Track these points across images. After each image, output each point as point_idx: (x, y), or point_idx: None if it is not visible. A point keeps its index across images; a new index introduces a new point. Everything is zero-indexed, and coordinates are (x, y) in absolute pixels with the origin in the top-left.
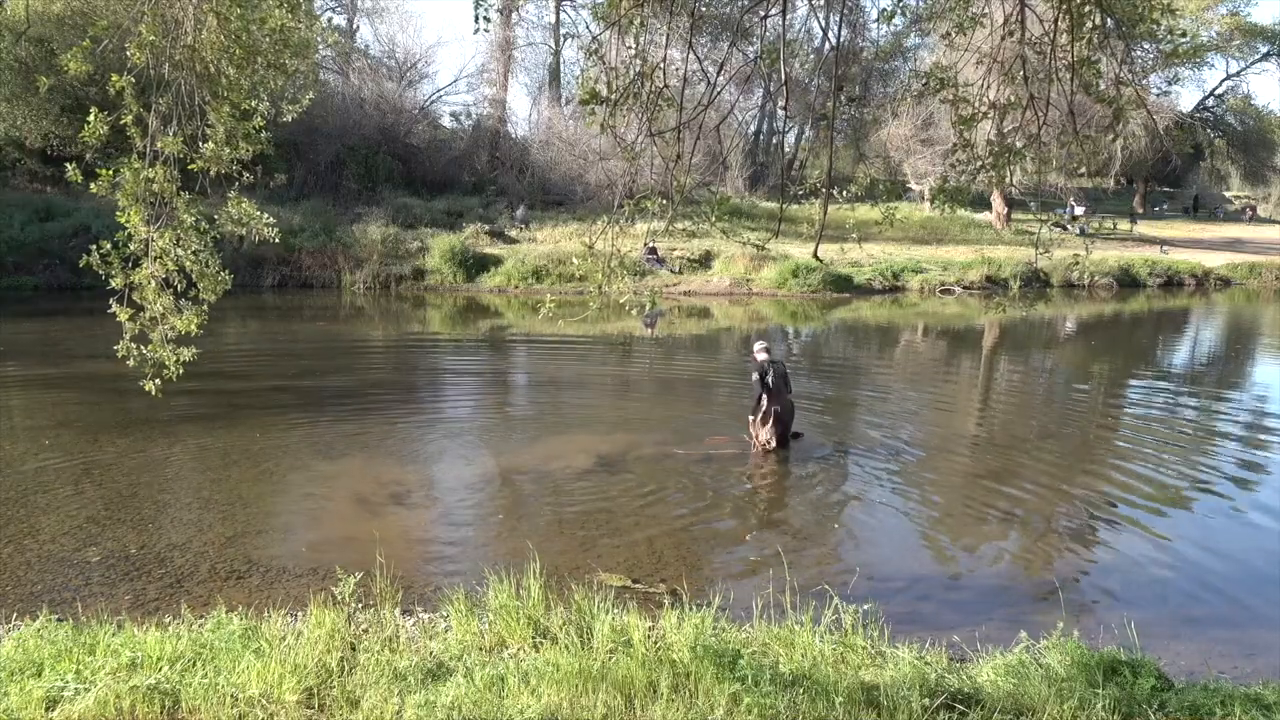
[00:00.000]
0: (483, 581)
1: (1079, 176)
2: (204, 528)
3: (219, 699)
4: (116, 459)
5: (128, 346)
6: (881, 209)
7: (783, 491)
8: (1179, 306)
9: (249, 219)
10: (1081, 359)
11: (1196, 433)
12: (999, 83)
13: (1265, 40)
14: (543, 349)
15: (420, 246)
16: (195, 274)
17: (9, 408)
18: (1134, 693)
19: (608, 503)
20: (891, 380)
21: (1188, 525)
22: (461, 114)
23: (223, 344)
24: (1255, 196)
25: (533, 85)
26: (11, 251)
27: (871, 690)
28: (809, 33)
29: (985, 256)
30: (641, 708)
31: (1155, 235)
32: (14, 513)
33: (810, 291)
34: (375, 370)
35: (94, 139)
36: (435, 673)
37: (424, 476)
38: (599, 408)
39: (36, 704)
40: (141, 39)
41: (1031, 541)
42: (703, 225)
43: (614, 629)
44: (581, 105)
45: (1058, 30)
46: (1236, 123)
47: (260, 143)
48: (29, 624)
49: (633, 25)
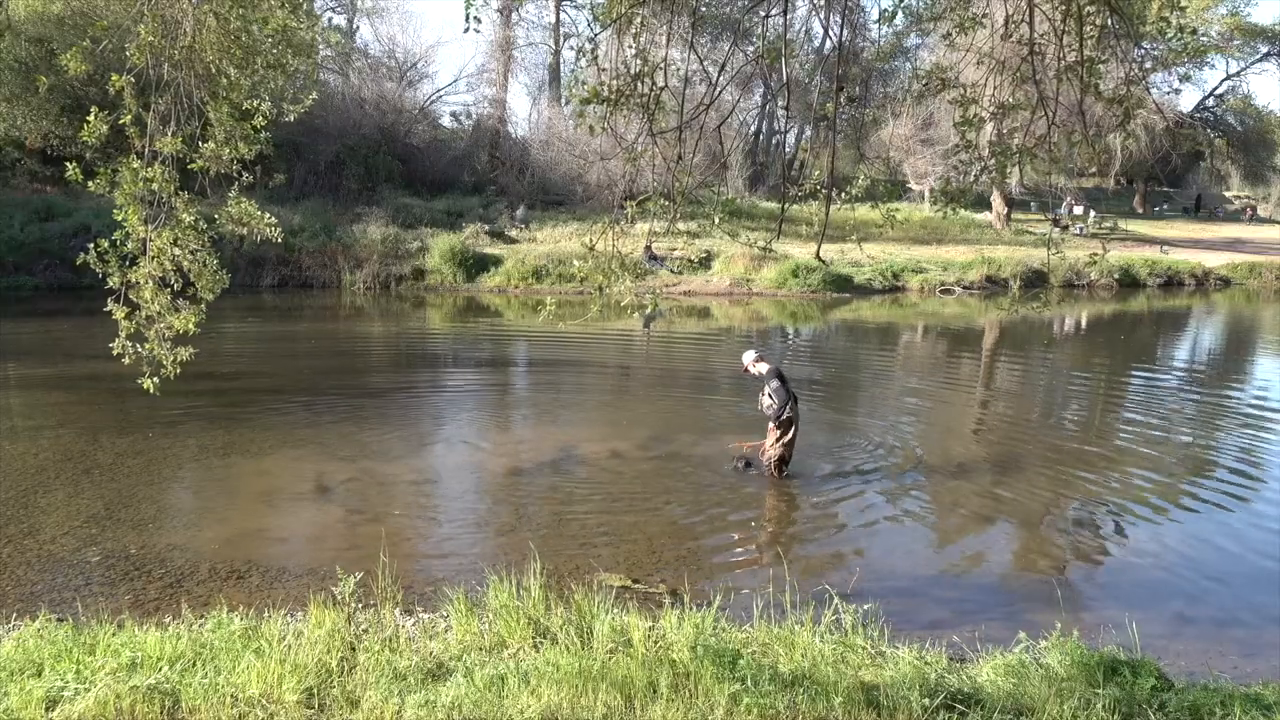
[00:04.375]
0: (483, 581)
1: (1084, 176)
2: (204, 528)
3: (219, 699)
4: (116, 459)
5: (123, 344)
6: (881, 210)
7: (783, 492)
8: (1179, 306)
9: (250, 219)
10: (1081, 359)
11: (1197, 432)
12: (1002, 83)
13: (1265, 40)
14: (543, 349)
15: (420, 246)
16: (193, 273)
17: (9, 408)
18: (1134, 693)
19: (608, 503)
20: (891, 380)
21: (1188, 525)
22: (461, 114)
23: (223, 344)
24: (1255, 196)
25: (533, 85)
26: (11, 251)
27: (871, 690)
28: (809, 33)
29: (985, 256)
30: (641, 708)
31: (1155, 235)
32: (14, 513)
33: (810, 292)
34: (375, 370)
35: (94, 139)
36: (435, 673)
37: (424, 476)
38: (599, 408)
39: (36, 704)
40: (141, 39)
41: (1031, 541)
42: (705, 225)
43: (614, 629)
44: (581, 105)
45: (1064, 29)
46: (1236, 123)
47: (260, 142)
48: (29, 624)
49: (632, 25)
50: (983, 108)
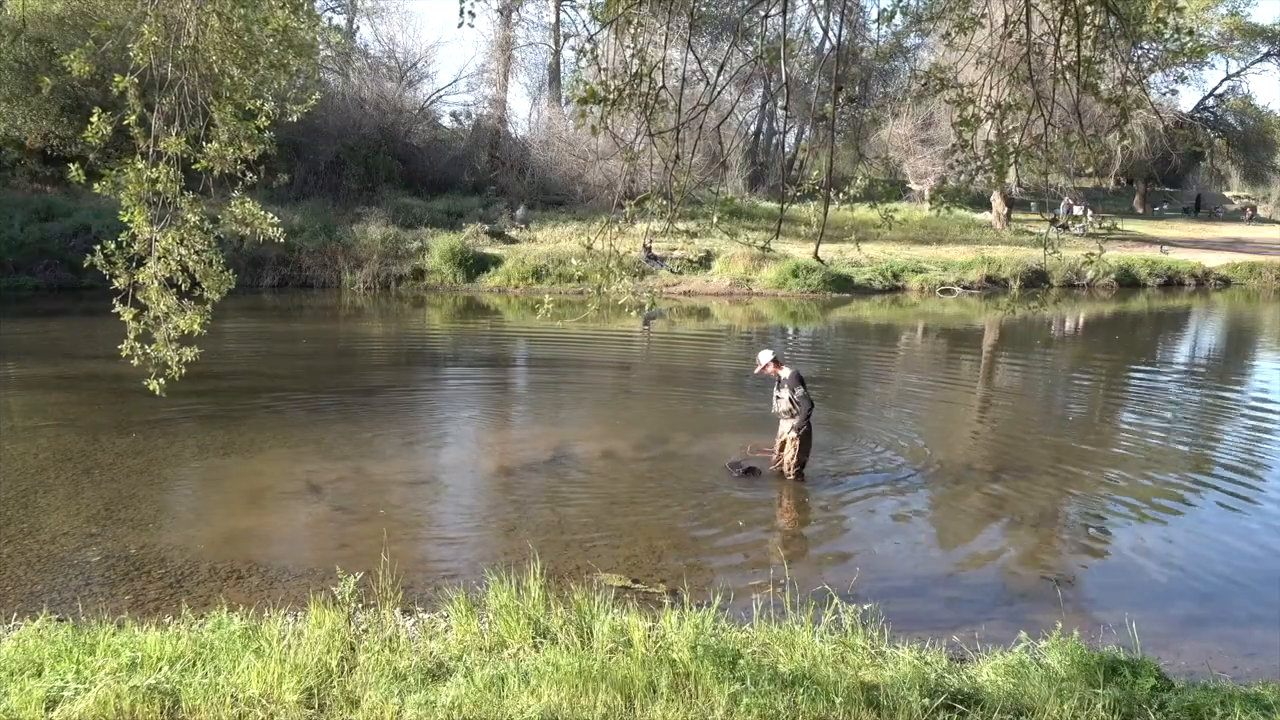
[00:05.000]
0: (483, 581)
1: (1083, 176)
2: (204, 528)
3: (219, 699)
4: (116, 459)
5: (132, 346)
6: (879, 210)
7: (783, 492)
8: (1179, 306)
9: (253, 219)
10: (1082, 359)
11: (1197, 432)
12: (1000, 83)
13: (1265, 40)
14: (543, 349)
15: (420, 246)
16: (199, 273)
17: (9, 408)
18: (1134, 693)
19: (608, 503)
20: (891, 380)
21: (1188, 525)
22: (461, 114)
23: (223, 344)
24: (1255, 196)
25: (533, 85)
26: (11, 251)
27: (871, 690)
28: (809, 32)
29: (985, 256)
30: (641, 708)
31: (1155, 235)
32: (14, 513)
33: (810, 291)
34: (374, 370)
35: (97, 139)
36: (435, 673)
37: (424, 476)
38: (599, 407)
39: (36, 704)
40: (144, 40)
41: (1031, 541)
42: (704, 225)
43: (614, 629)
44: (580, 105)
45: (1061, 30)
46: (1236, 123)
47: (264, 142)
48: (29, 624)
49: (630, 25)
50: (980, 107)
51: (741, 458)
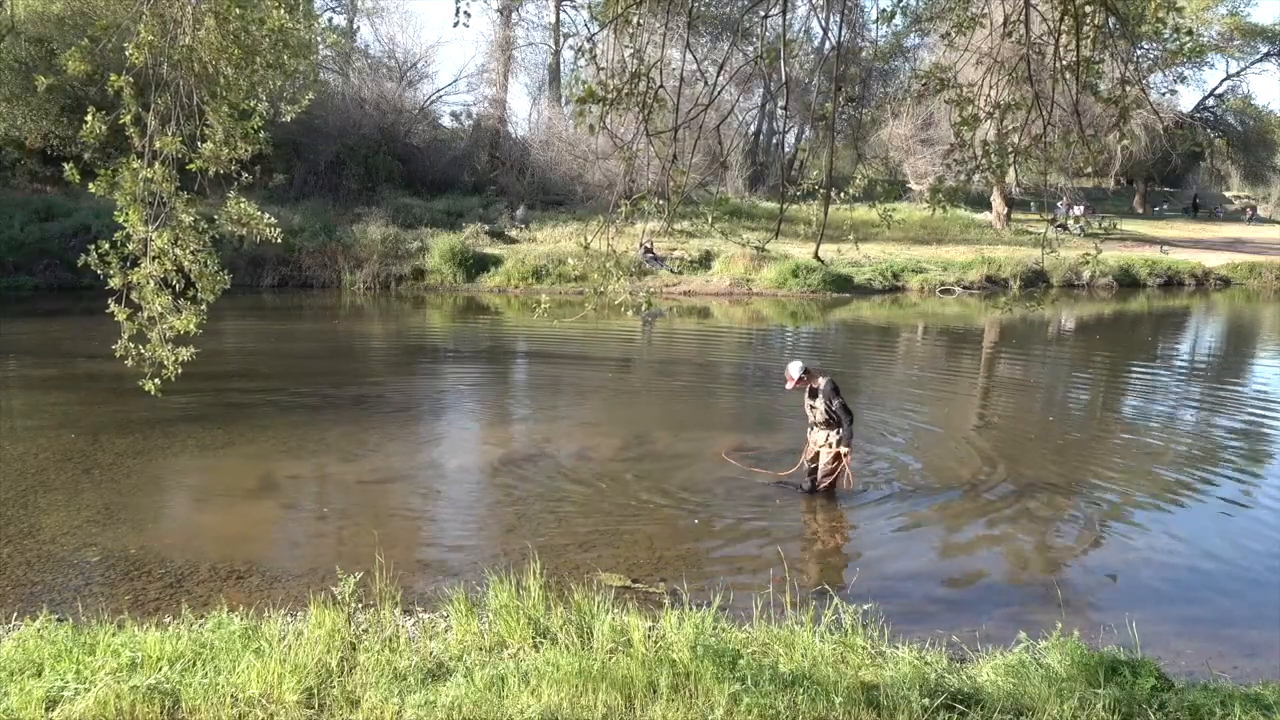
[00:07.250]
0: (483, 581)
1: (1082, 176)
2: (204, 528)
3: (219, 699)
4: (116, 459)
5: (126, 346)
6: (878, 210)
7: (783, 492)
8: (1179, 306)
9: (250, 219)
10: (1082, 359)
11: (1197, 432)
12: (1000, 83)
13: (1265, 40)
14: (543, 348)
15: (420, 246)
16: (194, 274)
17: (9, 408)
18: (1134, 693)
19: (608, 503)
20: (891, 380)
21: (1188, 525)
22: (461, 114)
23: (222, 344)
24: (1255, 196)
25: (533, 85)
26: (11, 251)
27: (871, 690)
28: (809, 32)
29: (985, 256)
30: (641, 708)
31: (1155, 235)
32: (14, 513)
33: (810, 291)
34: (374, 370)
35: (93, 139)
36: (435, 673)
37: (424, 476)
38: (599, 407)
39: (36, 704)
40: (140, 39)
41: (1031, 541)
42: (701, 225)
43: (614, 629)
44: (579, 104)
45: (1061, 30)
46: (1236, 123)
47: (259, 142)
48: (29, 624)
49: (629, 25)
50: (979, 107)
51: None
